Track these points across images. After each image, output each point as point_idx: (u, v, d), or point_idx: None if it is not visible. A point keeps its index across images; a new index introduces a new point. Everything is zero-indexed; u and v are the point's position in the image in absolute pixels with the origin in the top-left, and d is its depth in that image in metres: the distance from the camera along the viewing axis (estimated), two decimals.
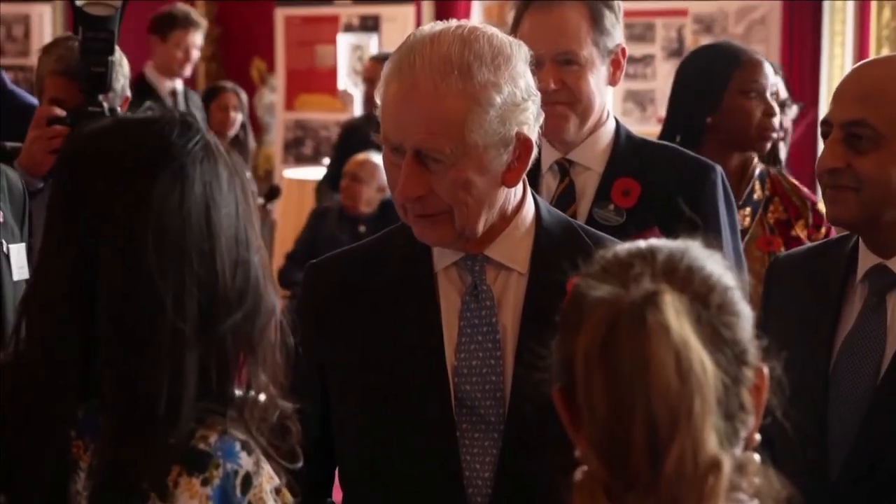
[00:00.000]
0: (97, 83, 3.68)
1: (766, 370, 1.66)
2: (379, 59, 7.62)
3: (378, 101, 2.41)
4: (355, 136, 7.98)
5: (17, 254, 3.13)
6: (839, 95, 2.64)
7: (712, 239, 3.13)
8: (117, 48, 3.80)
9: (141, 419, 1.86)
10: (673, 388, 1.54)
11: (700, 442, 1.55)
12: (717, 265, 1.67)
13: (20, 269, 3.10)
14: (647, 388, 1.54)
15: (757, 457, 1.65)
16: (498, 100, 2.34)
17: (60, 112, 3.74)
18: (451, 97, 2.32)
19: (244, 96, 8.51)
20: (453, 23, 2.41)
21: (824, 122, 2.64)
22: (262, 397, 1.97)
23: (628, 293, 1.59)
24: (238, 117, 8.34)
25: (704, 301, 1.61)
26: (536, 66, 3.26)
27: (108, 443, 1.88)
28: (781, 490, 1.65)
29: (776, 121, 4.08)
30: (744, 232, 3.99)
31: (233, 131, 8.27)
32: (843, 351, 2.64)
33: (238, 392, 1.96)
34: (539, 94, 2.45)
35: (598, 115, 3.36)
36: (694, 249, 1.67)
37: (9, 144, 3.83)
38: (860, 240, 2.69)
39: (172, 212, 1.90)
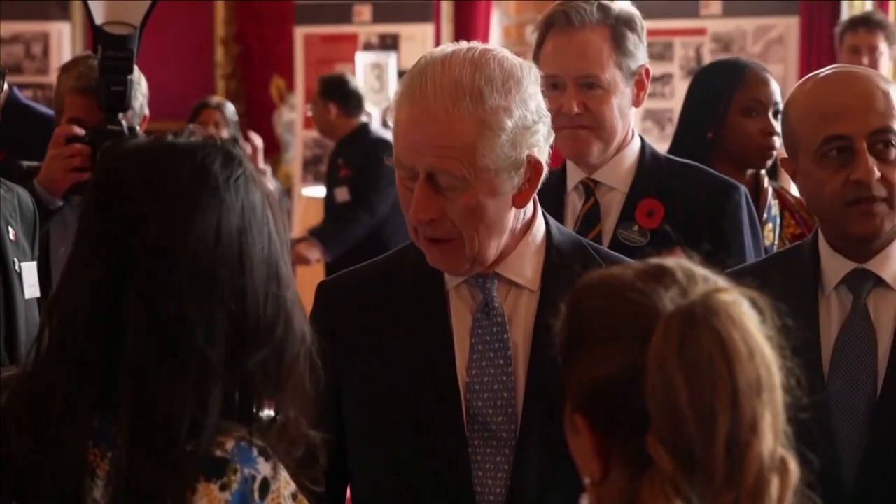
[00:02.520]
0: (116, 102, 3.70)
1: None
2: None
3: (390, 123, 2.43)
4: None
5: (29, 272, 3.15)
6: (852, 110, 2.62)
7: (736, 260, 3.14)
8: (136, 67, 3.84)
9: (160, 442, 1.87)
10: (753, 382, 1.57)
11: (776, 439, 1.59)
12: (717, 278, 1.69)
13: (31, 287, 3.12)
14: (732, 381, 1.56)
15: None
16: (509, 124, 2.35)
17: (79, 131, 3.76)
18: (463, 122, 2.33)
19: (232, 115, 8.38)
20: (464, 45, 2.42)
21: (838, 137, 2.61)
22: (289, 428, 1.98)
23: (687, 296, 1.62)
24: (222, 134, 8.21)
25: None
26: (559, 88, 3.29)
27: (124, 462, 1.88)
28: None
29: (776, 139, 4.08)
30: (770, 248, 4.00)
31: None
32: (836, 359, 2.64)
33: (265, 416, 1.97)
34: (549, 114, 2.45)
35: (623, 135, 3.37)
36: (694, 265, 1.69)
37: (26, 163, 3.85)
38: (821, 248, 2.69)
39: (208, 243, 1.91)
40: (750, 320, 1.60)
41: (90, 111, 3.90)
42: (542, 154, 2.41)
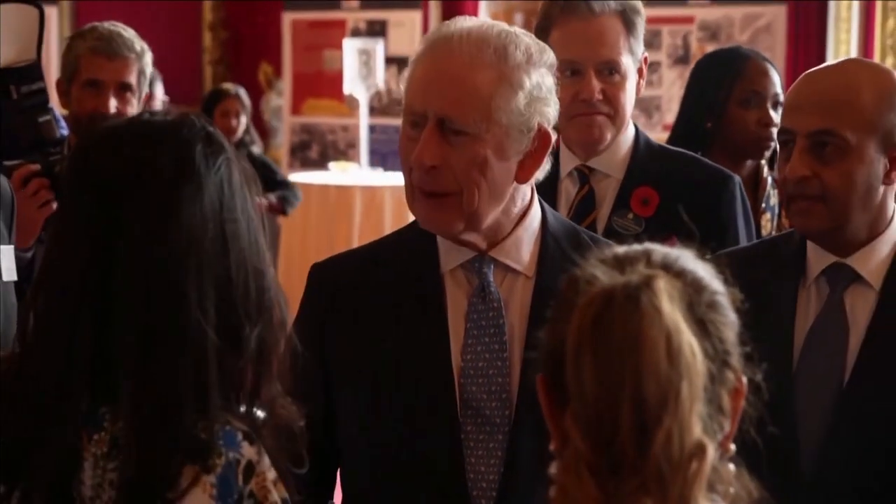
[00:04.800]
0: (48, 133, 3.71)
1: (744, 379, 1.67)
2: None
3: (403, 84, 2.43)
4: None
5: (7, 255, 3.12)
6: (799, 105, 2.65)
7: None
8: (143, 43, 3.98)
9: (167, 423, 1.88)
10: (662, 369, 1.56)
11: (686, 425, 1.56)
12: (708, 272, 1.69)
13: (9, 270, 3.10)
14: (637, 367, 1.55)
15: (732, 466, 1.66)
16: (528, 84, 2.37)
17: (34, 167, 3.74)
18: (485, 70, 2.35)
19: (247, 100, 8.48)
20: (487, 19, 2.45)
21: (785, 130, 2.65)
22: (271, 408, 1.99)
23: (624, 276, 1.62)
24: (242, 122, 8.30)
25: (696, 295, 1.64)
26: (576, 74, 3.28)
27: (131, 444, 1.88)
28: (756, 495, 1.66)
29: (774, 130, 4.06)
30: (767, 237, 4.01)
31: (236, 137, 8.24)
32: (806, 349, 2.65)
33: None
34: (558, 100, 2.46)
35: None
36: (688, 255, 1.70)
37: (7, 163, 3.84)
38: (807, 241, 2.70)
39: (195, 225, 1.92)
40: (674, 309, 1.60)
41: (110, 72, 3.98)
42: (551, 129, 2.43)
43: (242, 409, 1.96)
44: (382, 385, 2.46)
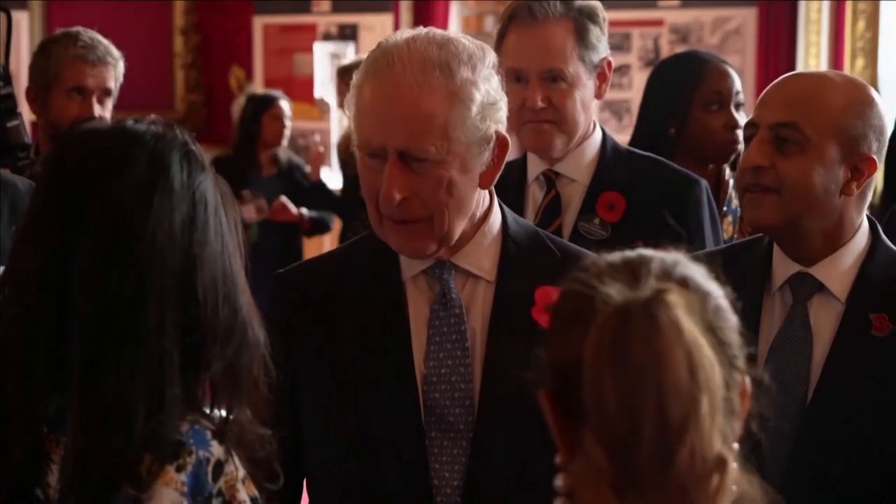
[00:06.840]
0: (16, 138, 3.70)
1: (748, 378, 1.68)
2: None
3: (348, 109, 2.41)
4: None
5: None
6: (768, 99, 2.66)
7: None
8: (117, 51, 4.03)
9: (113, 427, 1.86)
10: (684, 385, 1.56)
11: (708, 440, 1.57)
12: (703, 275, 1.69)
13: None
14: (659, 385, 1.55)
15: (735, 464, 1.65)
16: (478, 97, 2.35)
17: (4, 171, 3.74)
18: (434, 95, 2.32)
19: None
20: (423, 30, 2.41)
21: (750, 123, 2.66)
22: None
23: (637, 292, 1.61)
24: (289, 126, 8.21)
25: (703, 303, 1.64)
26: (522, 81, 3.29)
27: (78, 447, 1.88)
28: (764, 496, 1.67)
29: (740, 133, 4.07)
30: (728, 241, 4.00)
31: (285, 142, 8.19)
32: (770, 360, 2.64)
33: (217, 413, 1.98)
34: (506, 96, 2.45)
35: (585, 128, 3.37)
36: (682, 259, 1.70)
37: None
38: (774, 248, 2.70)
39: (162, 236, 1.91)
40: (691, 322, 1.60)
41: (95, 78, 4.05)
42: (506, 132, 2.42)
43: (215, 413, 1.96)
44: (347, 393, 2.46)
